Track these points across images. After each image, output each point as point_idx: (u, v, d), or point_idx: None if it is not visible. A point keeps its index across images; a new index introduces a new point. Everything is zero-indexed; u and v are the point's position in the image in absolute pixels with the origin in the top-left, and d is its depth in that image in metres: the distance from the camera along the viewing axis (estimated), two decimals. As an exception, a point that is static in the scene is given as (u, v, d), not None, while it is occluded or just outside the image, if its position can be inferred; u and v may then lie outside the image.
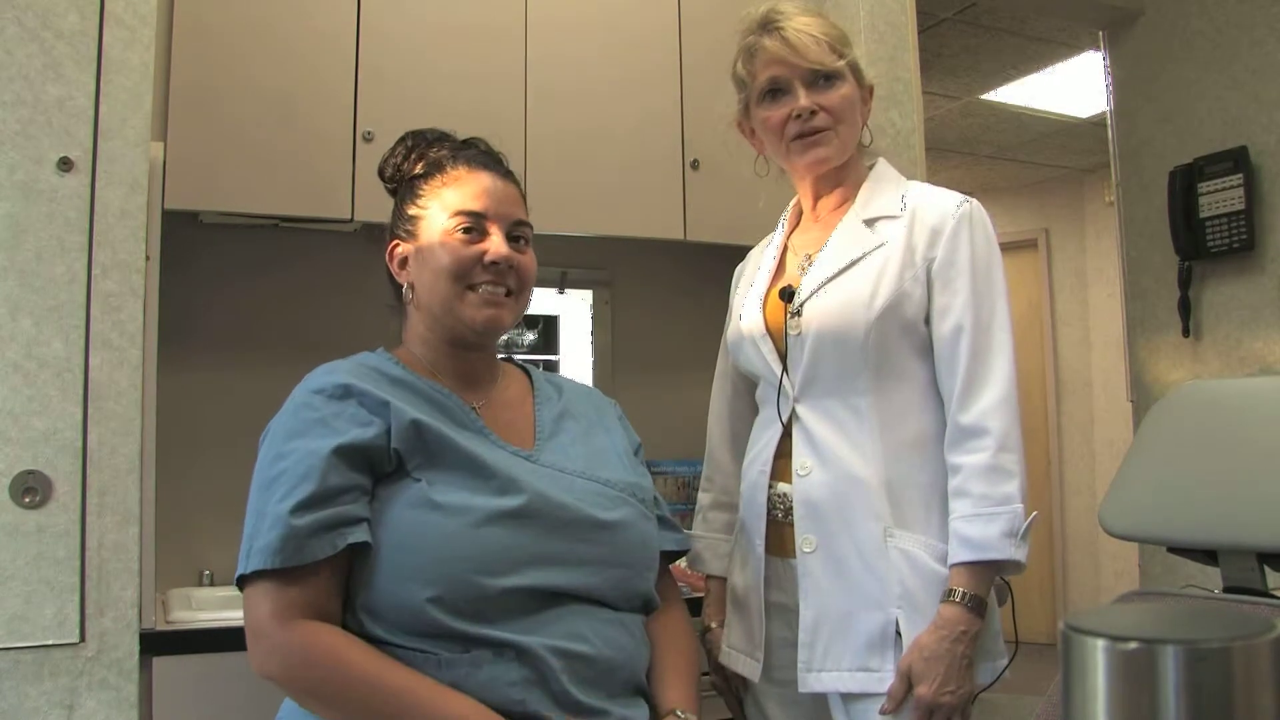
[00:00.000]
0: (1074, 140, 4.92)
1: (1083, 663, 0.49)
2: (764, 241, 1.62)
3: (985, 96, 4.32)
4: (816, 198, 1.52)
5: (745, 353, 1.48)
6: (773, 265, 1.52)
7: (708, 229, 2.37)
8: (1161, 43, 2.98)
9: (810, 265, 1.45)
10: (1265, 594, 1.18)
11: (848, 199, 1.48)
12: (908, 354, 1.38)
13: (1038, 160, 5.31)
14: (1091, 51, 3.68)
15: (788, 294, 1.42)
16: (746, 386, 1.58)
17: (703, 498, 1.61)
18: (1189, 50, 2.90)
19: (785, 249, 1.54)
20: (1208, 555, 1.25)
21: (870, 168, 1.51)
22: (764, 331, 1.45)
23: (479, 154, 1.35)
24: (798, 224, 1.57)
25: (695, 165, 2.34)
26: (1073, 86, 4.19)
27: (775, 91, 1.45)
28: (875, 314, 1.35)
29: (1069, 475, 5.50)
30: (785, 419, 1.41)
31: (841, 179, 1.49)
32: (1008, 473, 1.30)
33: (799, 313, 1.40)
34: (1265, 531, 1.17)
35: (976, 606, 1.28)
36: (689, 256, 2.63)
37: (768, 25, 1.45)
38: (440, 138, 1.37)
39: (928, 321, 1.38)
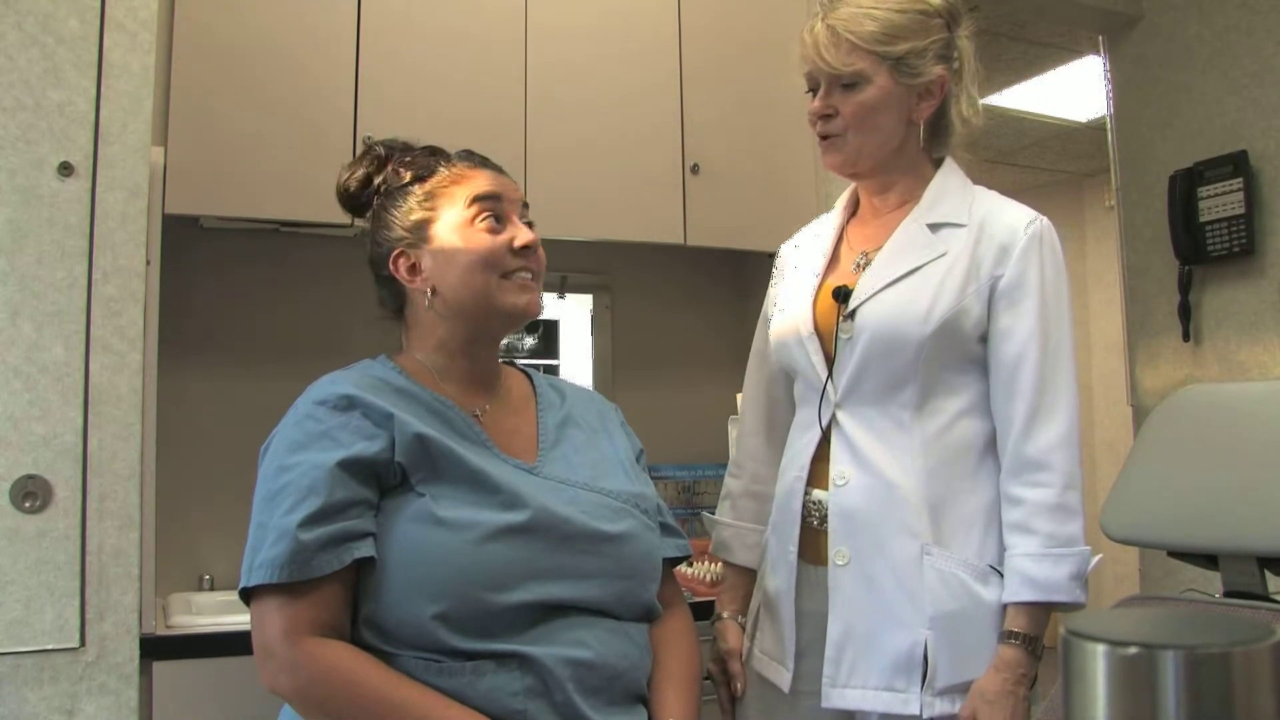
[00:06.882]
0: (1074, 144, 4.92)
1: (1083, 667, 0.49)
2: (812, 226, 1.55)
3: (985, 100, 4.30)
4: (870, 194, 1.45)
5: (789, 349, 1.43)
6: (826, 256, 1.45)
7: (708, 233, 2.37)
8: (1161, 47, 2.98)
9: (867, 265, 1.39)
10: (1265, 598, 1.18)
11: (909, 198, 1.41)
12: (957, 369, 1.34)
13: (1038, 164, 5.31)
14: (1091, 56, 3.68)
15: (842, 294, 1.36)
16: (784, 372, 1.51)
17: (732, 484, 1.55)
18: (1188, 55, 2.90)
19: (840, 240, 1.47)
20: (1208, 559, 1.25)
21: (938, 162, 1.43)
22: (812, 330, 1.39)
23: (469, 153, 1.35)
24: (854, 212, 1.50)
25: (695, 170, 2.34)
26: (1072, 91, 4.19)
27: (812, 87, 1.40)
28: (932, 327, 1.30)
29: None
30: (825, 424, 1.37)
31: (891, 181, 1.41)
32: (1073, 511, 1.26)
33: (852, 316, 1.34)
34: (1265, 535, 1.17)
35: (1034, 647, 1.24)
36: (689, 261, 2.63)
37: (816, 14, 1.38)
38: (406, 146, 1.35)
39: (983, 339, 1.33)
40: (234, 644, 1.60)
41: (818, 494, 1.37)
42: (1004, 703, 1.22)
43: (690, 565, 2.09)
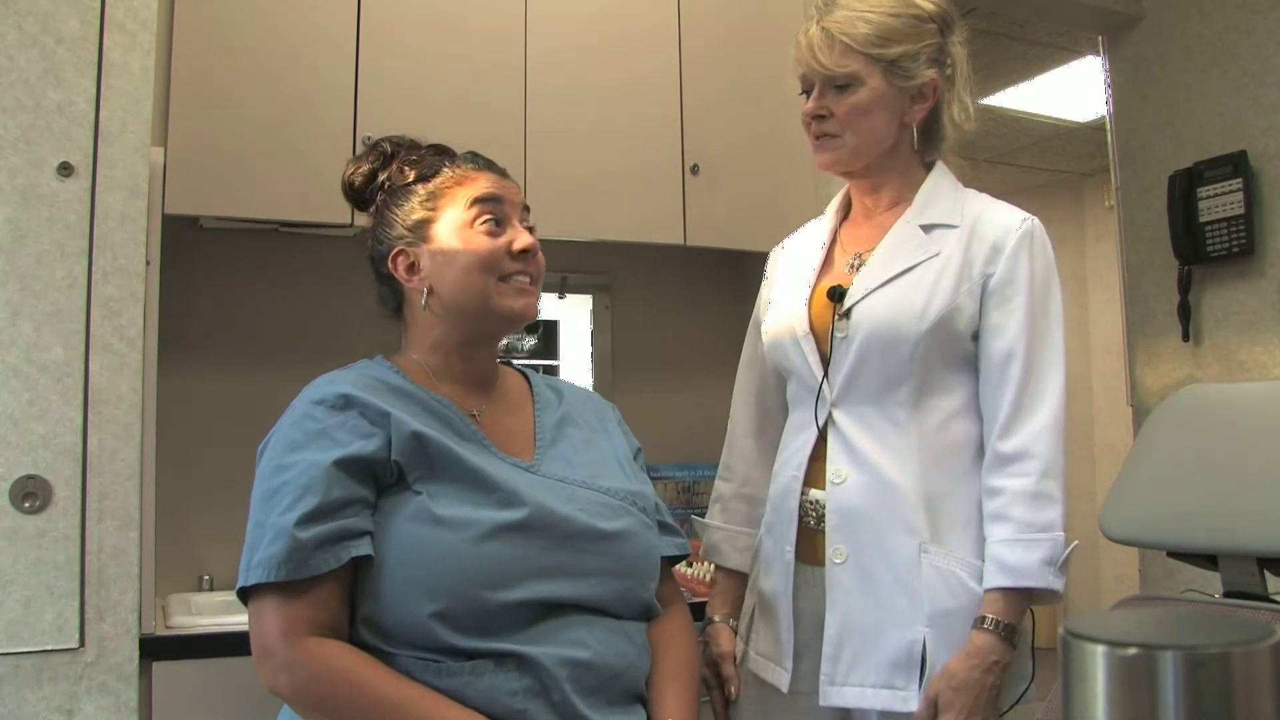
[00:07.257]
0: (1073, 144, 4.92)
1: (1083, 668, 0.49)
2: (804, 229, 1.57)
3: (985, 101, 4.32)
4: (862, 194, 1.47)
5: (784, 349, 1.44)
6: (820, 258, 1.47)
7: (707, 234, 2.37)
8: (1161, 47, 2.98)
9: (861, 266, 1.40)
10: (1265, 599, 1.18)
11: (901, 199, 1.43)
12: (952, 368, 1.35)
13: (1037, 165, 5.31)
14: (1091, 56, 3.68)
15: (837, 294, 1.37)
16: (776, 374, 1.52)
17: (722, 487, 1.55)
18: (1188, 55, 2.90)
19: (833, 242, 1.49)
20: (1208, 560, 1.25)
21: (930, 165, 1.45)
22: (808, 331, 1.40)
23: (474, 155, 1.35)
24: (846, 215, 1.51)
25: (695, 170, 2.34)
26: (1072, 91, 4.19)
27: (806, 89, 1.42)
28: (928, 324, 1.31)
29: (1069, 480, 5.44)
30: (821, 424, 1.38)
31: (883, 181, 1.43)
32: (1050, 499, 1.28)
33: (848, 315, 1.36)
34: (1265, 536, 1.17)
35: (1009, 635, 1.25)
36: (689, 261, 2.63)
37: (811, 17, 1.39)
38: (412, 144, 1.36)
39: (975, 337, 1.35)
40: (233, 644, 1.60)
41: (814, 493, 1.37)
42: (969, 690, 1.22)
43: (690, 565, 2.09)
